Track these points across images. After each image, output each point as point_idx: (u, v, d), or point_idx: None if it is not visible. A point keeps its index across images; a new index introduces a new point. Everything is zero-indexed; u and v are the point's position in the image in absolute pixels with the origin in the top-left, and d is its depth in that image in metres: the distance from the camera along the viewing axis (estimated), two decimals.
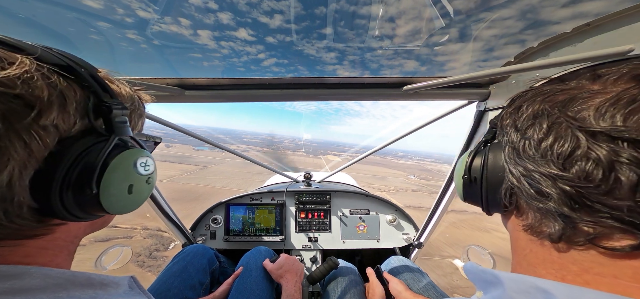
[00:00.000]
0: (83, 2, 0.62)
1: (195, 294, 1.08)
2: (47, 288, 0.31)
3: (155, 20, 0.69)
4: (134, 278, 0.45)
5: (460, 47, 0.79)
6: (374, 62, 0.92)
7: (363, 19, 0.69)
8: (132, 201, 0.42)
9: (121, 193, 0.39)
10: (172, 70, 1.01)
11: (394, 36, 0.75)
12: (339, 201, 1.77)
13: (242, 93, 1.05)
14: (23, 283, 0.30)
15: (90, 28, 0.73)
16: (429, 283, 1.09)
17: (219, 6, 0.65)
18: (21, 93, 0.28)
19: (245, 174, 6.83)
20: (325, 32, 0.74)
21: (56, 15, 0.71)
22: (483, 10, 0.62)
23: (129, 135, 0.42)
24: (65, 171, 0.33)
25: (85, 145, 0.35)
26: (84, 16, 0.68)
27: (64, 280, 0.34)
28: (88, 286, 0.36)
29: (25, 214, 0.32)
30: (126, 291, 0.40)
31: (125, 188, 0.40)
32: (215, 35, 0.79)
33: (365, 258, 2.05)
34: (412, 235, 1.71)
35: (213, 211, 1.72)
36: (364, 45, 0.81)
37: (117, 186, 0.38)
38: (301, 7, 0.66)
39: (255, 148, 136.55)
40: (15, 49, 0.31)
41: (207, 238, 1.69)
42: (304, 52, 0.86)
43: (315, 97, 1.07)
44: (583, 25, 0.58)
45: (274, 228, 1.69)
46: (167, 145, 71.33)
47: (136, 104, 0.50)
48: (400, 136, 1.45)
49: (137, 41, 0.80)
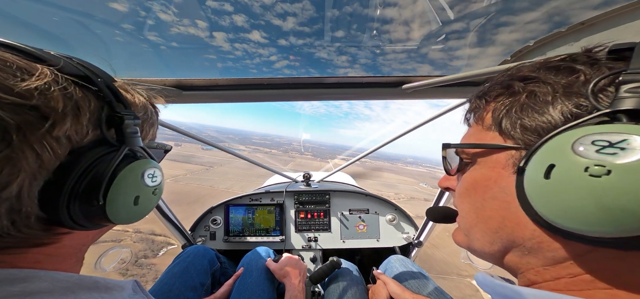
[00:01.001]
0: (109, 5, 0.63)
1: (197, 295, 1.08)
2: (55, 291, 0.32)
3: (175, 22, 0.69)
4: (138, 281, 0.46)
5: (458, 46, 0.80)
6: (372, 61, 0.93)
7: (364, 19, 0.69)
8: (137, 212, 0.42)
9: (127, 204, 0.39)
10: (170, 70, 1.01)
11: (393, 35, 0.76)
12: (338, 201, 1.78)
13: (240, 94, 1.05)
14: (33, 286, 0.30)
15: (88, 29, 0.74)
16: (436, 288, 1.06)
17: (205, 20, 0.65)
18: (37, 104, 0.28)
19: (250, 176, 6.71)
20: (328, 33, 0.75)
21: (50, 16, 0.71)
22: (481, 10, 0.62)
23: (139, 146, 0.42)
24: (74, 183, 0.33)
25: (95, 155, 0.35)
26: (83, 17, 0.68)
27: (71, 284, 0.34)
28: (94, 290, 0.36)
29: (33, 223, 0.32)
30: (130, 294, 0.41)
31: (132, 199, 0.40)
32: (216, 34, 0.79)
33: (365, 257, 2.06)
34: (412, 234, 1.71)
35: (212, 211, 1.72)
36: (363, 45, 0.81)
37: (123, 197, 0.38)
38: (314, 10, 0.66)
39: (264, 150, 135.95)
40: (37, 59, 0.31)
41: (206, 239, 1.69)
42: (310, 53, 0.87)
43: (313, 97, 1.07)
44: (578, 23, 0.59)
45: (273, 228, 1.69)
46: (177, 143, 70.90)
47: (149, 113, 0.50)
48: (399, 135, 1.45)
49: (133, 42, 0.80)
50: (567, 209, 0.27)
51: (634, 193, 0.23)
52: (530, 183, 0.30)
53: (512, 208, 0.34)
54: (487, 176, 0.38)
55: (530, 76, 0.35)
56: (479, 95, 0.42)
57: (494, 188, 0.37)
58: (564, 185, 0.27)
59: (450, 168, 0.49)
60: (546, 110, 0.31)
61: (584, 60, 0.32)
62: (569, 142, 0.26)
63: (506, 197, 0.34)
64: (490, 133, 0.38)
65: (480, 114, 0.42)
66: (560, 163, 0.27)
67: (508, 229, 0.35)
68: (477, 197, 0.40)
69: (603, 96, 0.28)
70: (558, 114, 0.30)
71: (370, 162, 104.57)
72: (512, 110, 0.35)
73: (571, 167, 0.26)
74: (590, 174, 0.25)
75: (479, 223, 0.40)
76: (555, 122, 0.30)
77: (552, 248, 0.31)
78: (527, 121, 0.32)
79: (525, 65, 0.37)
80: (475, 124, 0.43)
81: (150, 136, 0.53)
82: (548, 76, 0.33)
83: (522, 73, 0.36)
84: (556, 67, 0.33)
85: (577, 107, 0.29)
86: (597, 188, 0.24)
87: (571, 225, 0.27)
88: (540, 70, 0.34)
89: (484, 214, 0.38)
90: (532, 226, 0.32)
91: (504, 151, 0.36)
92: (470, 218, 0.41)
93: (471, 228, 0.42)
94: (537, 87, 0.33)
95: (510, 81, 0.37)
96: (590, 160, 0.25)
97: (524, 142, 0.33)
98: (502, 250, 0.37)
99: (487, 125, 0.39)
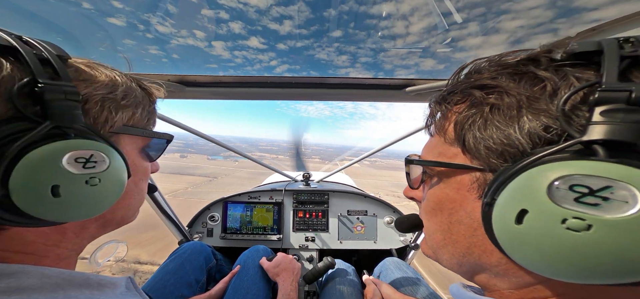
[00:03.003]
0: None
1: (192, 292, 1.07)
2: (44, 288, 0.31)
3: (173, 34, 0.68)
4: (132, 278, 0.45)
5: (462, 50, 0.79)
6: (377, 63, 0.93)
7: (368, 21, 0.69)
8: (63, 206, 0.33)
9: (41, 194, 0.31)
10: (174, 66, 1.00)
11: (399, 39, 0.75)
12: (337, 202, 1.77)
13: (242, 91, 1.04)
14: (19, 282, 0.29)
15: (97, 28, 0.73)
16: (430, 293, 1.05)
17: None
18: None
19: (256, 184, 6.41)
20: (334, 35, 0.75)
21: (56, 10, 0.70)
22: (485, 15, 0.62)
23: (79, 125, 0.35)
24: None
25: (3, 133, 0.29)
26: (87, 16, 0.68)
27: (61, 280, 0.33)
28: (85, 287, 0.35)
29: None
30: (123, 292, 0.40)
31: (47, 189, 0.31)
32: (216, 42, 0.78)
33: (362, 258, 2.05)
34: (409, 236, 1.71)
35: (211, 208, 1.71)
36: (371, 47, 0.81)
37: (34, 185, 0.31)
38: (309, 11, 0.66)
39: (271, 156, 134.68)
40: None
41: (204, 236, 1.68)
42: (310, 55, 0.86)
43: (317, 97, 1.07)
44: (588, 29, 0.58)
45: (271, 226, 1.69)
46: (182, 155, 69.39)
47: (120, 94, 0.42)
48: (400, 137, 1.45)
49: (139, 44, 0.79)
50: (541, 260, 0.25)
51: (616, 252, 0.21)
52: (500, 225, 0.28)
53: (478, 235, 0.33)
54: (452, 198, 0.36)
55: (491, 84, 0.31)
56: (438, 100, 0.39)
57: (460, 211, 0.35)
58: (538, 236, 0.24)
59: (411, 181, 0.46)
60: (511, 130, 0.28)
61: (546, 65, 0.28)
62: (543, 183, 0.23)
63: (472, 223, 0.33)
64: (452, 148, 0.35)
65: (441, 123, 0.38)
66: (534, 210, 0.24)
67: (475, 255, 0.34)
68: (443, 218, 0.38)
69: (575, 117, 0.25)
70: (525, 138, 0.27)
71: (380, 161, 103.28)
72: (475, 126, 0.31)
73: (546, 217, 0.24)
74: (568, 227, 0.22)
75: (447, 246, 0.38)
76: (523, 147, 0.27)
77: (518, 275, 0.31)
78: (492, 142, 0.29)
79: (482, 68, 0.34)
80: (437, 134, 0.39)
81: (134, 121, 0.46)
82: (510, 85, 0.29)
83: (482, 79, 0.32)
84: (517, 72, 0.29)
85: (546, 130, 0.26)
86: (577, 244, 0.22)
87: (543, 273, 0.26)
88: (502, 77, 0.30)
89: (451, 237, 0.37)
90: (499, 255, 0.31)
91: (469, 172, 0.33)
92: (437, 238, 0.40)
93: (439, 249, 0.40)
94: (499, 99, 0.29)
95: (471, 89, 0.33)
96: (568, 212, 0.22)
97: (489, 165, 0.30)
98: (470, 272, 0.37)
99: (449, 139, 0.36)
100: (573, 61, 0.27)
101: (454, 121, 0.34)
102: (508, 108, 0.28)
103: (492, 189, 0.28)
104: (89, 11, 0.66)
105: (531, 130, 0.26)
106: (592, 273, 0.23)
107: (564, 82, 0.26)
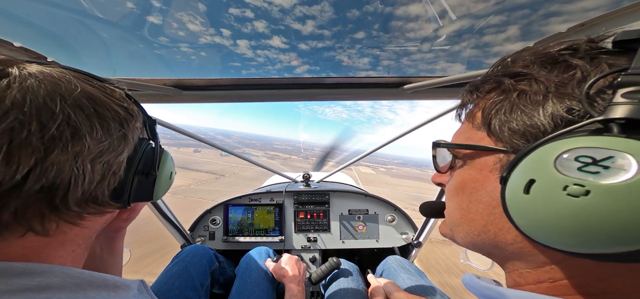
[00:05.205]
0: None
1: (197, 295, 1.07)
2: (66, 287, 0.33)
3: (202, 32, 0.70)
4: (144, 281, 0.46)
5: (459, 47, 0.80)
6: (374, 61, 0.93)
7: (368, 19, 0.69)
8: (166, 187, 0.56)
9: (165, 177, 0.53)
10: (169, 70, 1.00)
11: (395, 37, 0.76)
12: (338, 201, 1.77)
13: (240, 94, 1.04)
14: (47, 280, 0.31)
15: (90, 30, 0.73)
16: (432, 288, 1.05)
17: None
18: (124, 108, 0.41)
19: (261, 184, 6.29)
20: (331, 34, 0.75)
21: (53, 16, 0.70)
22: (482, 11, 0.62)
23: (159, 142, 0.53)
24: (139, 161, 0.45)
25: (144, 145, 0.47)
26: (84, 17, 0.68)
27: (82, 280, 0.35)
28: (103, 287, 0.37)
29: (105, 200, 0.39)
30: (135, 294, 0.41)
31: (168, 174, 0.55)
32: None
33: (364, 257, 2.06)
34: (411, 234, 1.71)
35: (212, 211, 1.71)
36: (368, 46, 0.81)
37: (165, 172, 0.52)
38: (332, 11, 0.66)
39: (283, 156, 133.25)
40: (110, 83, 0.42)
41: (206, 239, 1.68)
42: (309, 54, 0.86)
43: (313, 97, 1.07)
44: (578, 25, 0.59)
45: (273, 228, 1.69)
46: (196, 150, 68.76)
47: None
48: (398, 135, 1.45)
49: (135, 43, 0.80)
50: (544, 226, 0.26)
51: (610, 216, 0.22)
52: (511, 196, 0.29)
53: (496, 213, 0.33)
54: (475, 178, 0.37)
55: (522, 72, 0.32)
56: (471, 89, 0.40)
57: (481, 190, 0.36)
58: (542, 203, 0.26)
59: (439, 167, 0.48)
60: (535, 113, 0.29)
61: (584, 53, 0.29)
62: (553, 155, 0.25)
63: (492, 201, 0.34)
64: (479, 132, 0.37)
65: (471, 110, 0.40)
66: (541, 179, 0.25)
67: (491, 233, 0.35)
68: (464, 197, 0.39)
69: (599, 99, 0.26)
70: (547, 119, 0.28)
71: (397, 169, 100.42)
72: (502, 110, 0.32)
73: (550, 185, 0.25)
74: (568, 193, 0.23)
75: (463, 224, 0.39)
76: (544, 128, 0.28)
77: (532, 254, 0.32)
78: (515, 124, 0.30)
79: (520, 57, 0.35)
80: (466, 121, 0.41)
81: None
82: (541, 72, 0.30)
83: (514, 68, 0.33)
84: (552, 61, 0.30)
85: (569, 112, 0.27)
86: (575, 209, 0.23)
87: (548, 240, 0.27)
88: (534, 65, 0.31)
89: (468, 216, 0.38)
90: (514, 232, 0.32)
91: (492, 154, 0.34)
92: (455, 216, 0.41)
93: (455, 227, 0.42)
94: (528, 85, 0.31)
95: (502, 77, 0.34)
96: (570, 178, 0.23)
97: (511, 146, 0.31)
98: (486, 250, 0.38)
99: (477, 124, 0.38)
100: (612, 49, 0.28)
101: (482, 107, 0.36)
102: (535, 94, 0.30)
103: (509, 167, 0.29)
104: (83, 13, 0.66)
105: (554, 112, 0.27)
106: (589, 239, 0.24)
107: (595, 68, 0.27)
